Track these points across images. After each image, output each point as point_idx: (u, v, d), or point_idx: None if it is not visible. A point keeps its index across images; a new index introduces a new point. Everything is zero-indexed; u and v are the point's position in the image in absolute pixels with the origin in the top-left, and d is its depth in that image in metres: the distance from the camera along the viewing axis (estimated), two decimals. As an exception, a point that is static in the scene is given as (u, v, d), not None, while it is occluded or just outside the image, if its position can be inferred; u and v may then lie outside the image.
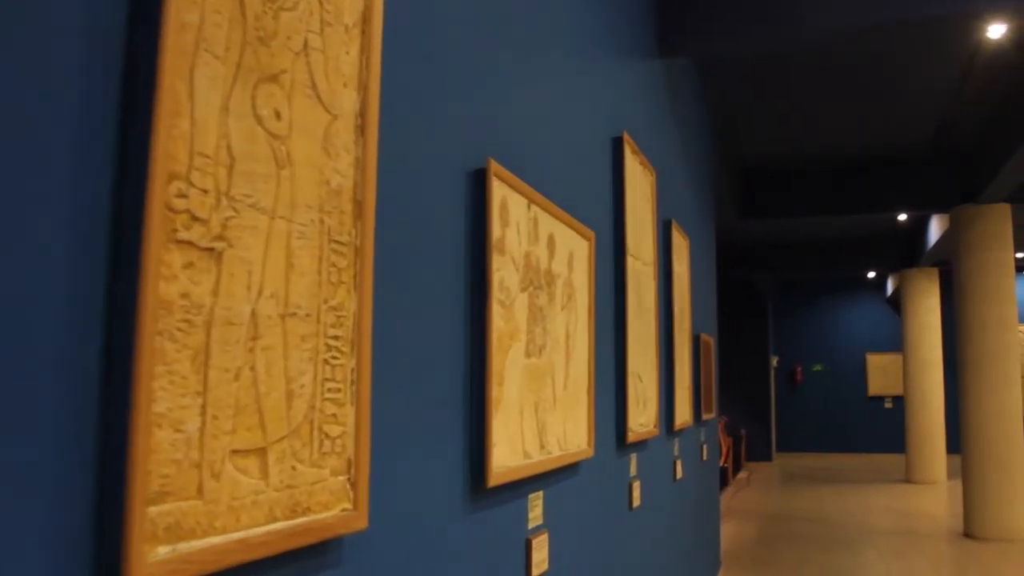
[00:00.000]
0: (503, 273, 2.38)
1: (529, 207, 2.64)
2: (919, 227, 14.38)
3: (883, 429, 21.15)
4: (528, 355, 2.59)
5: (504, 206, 2.36)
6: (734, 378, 19.27)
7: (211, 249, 1.04)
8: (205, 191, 1.04)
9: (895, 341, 20.64)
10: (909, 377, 15.53)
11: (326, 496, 1.29)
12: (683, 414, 5.47)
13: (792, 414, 21.91)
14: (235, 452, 1.08)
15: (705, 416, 6.65)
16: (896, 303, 20.46)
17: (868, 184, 11.16)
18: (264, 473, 1.14)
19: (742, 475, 17.24)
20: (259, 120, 1.15)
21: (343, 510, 1.34)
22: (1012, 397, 9.92)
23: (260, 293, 1.14)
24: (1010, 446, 9.90)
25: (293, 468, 1.21)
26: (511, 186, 2.40)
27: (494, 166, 2.21)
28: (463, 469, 2.03)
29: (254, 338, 1.12)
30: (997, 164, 9.17)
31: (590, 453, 3.18)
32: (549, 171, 2.94)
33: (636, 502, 4.11)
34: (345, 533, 1.34)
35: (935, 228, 12.91)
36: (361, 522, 1.37)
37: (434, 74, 1.90)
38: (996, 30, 6.61)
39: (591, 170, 3.53)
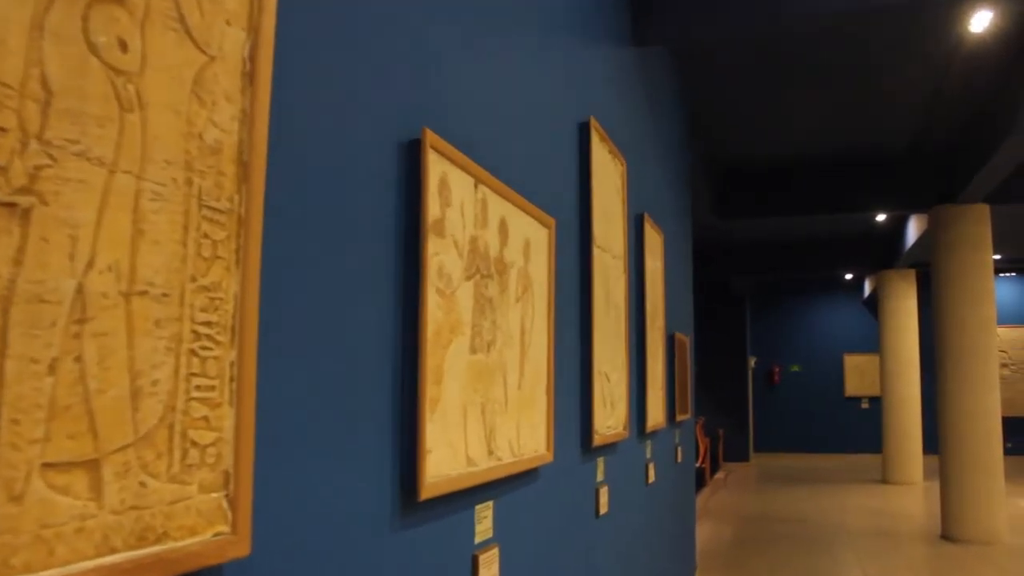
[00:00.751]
0: (443, 258, 2.16)
1: (477, 187, 2.41)
2: (897, 228, 14.24)
3: (860, 430, 21.04)
4: (474, 351, 2.36)
5: (444, 183, 2.13)
6: (711, 378, 19.15)
7: (11, 205, 0.81)
8: (3, 130, 0.80)
9: (872, 342, 20.49)
10: (886, 378, 15.40)
11: (192, 518, 1.05)
12: (656, 415, 5.26)
13: (770, 414, 21.77)
14: (48, 466, 0.84)
15: (680, 417, 6.44)
16: (873, 304, 20.32)
17: (847, 184, 10.99)
18: (96, 492, 0.90)
19: (719, 475, 17.07)
20: (93, 48, 0.91)
21: (217, 534, 1.09)
22: (990, 398, 9.76)
23: (91, 265, 0.90)
24: (988, 447, 9.75)
25: (142, 484, 0.96)
26: (453, 162, 2.17)
27: (431, 137, 1.97)
28: (390, 480, 1.80)
29: (80, 321, 0.88)
30: (976, 164, 9.01)
31: (550, 458, 2.96)
32: (505, 152, 2.72)
33: (604, 509, 3.89)
34: (221, 562, 1.10)
35: (913, 229, 12.77)
36: (242, 548, 1.13)
37: (359, 27, 1.67)
38: (980, 21, 6.41)
39: (554, 155, 3.31)
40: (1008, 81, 7.86)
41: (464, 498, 2.23)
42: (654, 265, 5.40)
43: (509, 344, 2.65)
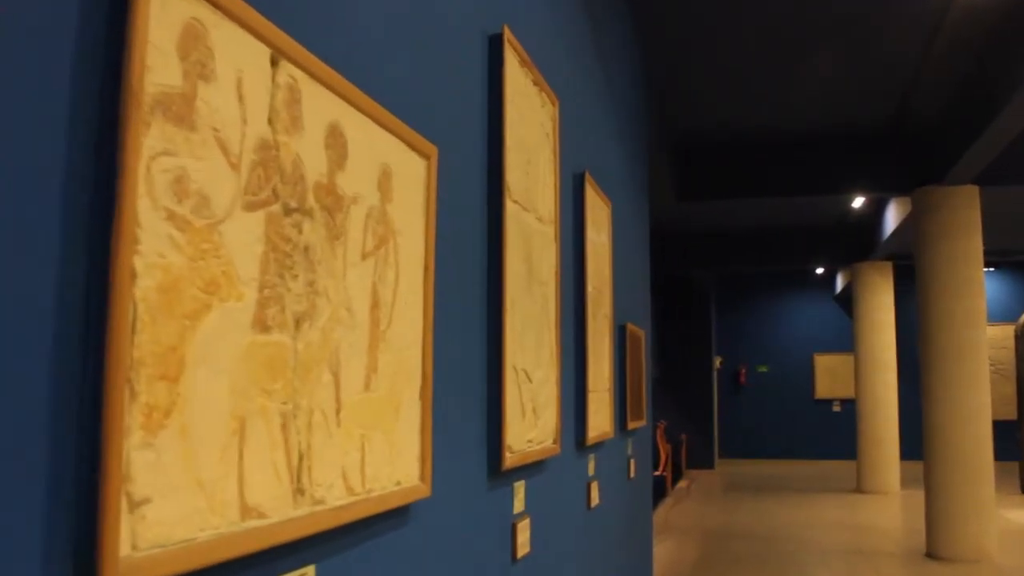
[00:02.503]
0: (184, 162, 1.19)
1: (277, 63, 1.45)
2: (873, 216, 13.37)
3: (831, 434, 20.35)
4: (264, 328, 1.40)
5: (198, 38, 1.18)
6: (674, 380, 18.43)
7: None
8: None
9: (844, 341, 19.82)
10: (861, 379, 14.55)
11: None
12: (600, 423, 4.30)
13: (736, 418, 21.01)
14: None
15: (633, 424, 5.48)
16: (845, 301, 19.59)
17: (819, 164, 10.10)
18: None
19: (682, 484, 16.17)
20: None
21: None
22: (980, 399, 8.89)
23: None
24: (978, 453, 8.87)
25: None
26: (225, 11, 1.24)
27: None
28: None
29: None
30: (965, 142, 8.14)
31: (426, 492, 1.99)
32: (360, 44, 1.78)
33: (523, 550, 2.92)
34: None
35: (892, 216, 11.90)
36: None
37: None
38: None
39: (449, 67, 2.34)
40: (1006, 44, 6.97)
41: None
42: (599, 239, 4.44)
43: (345, 321, 1.68)
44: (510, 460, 2.68)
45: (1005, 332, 18.33)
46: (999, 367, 18.25)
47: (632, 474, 5.67)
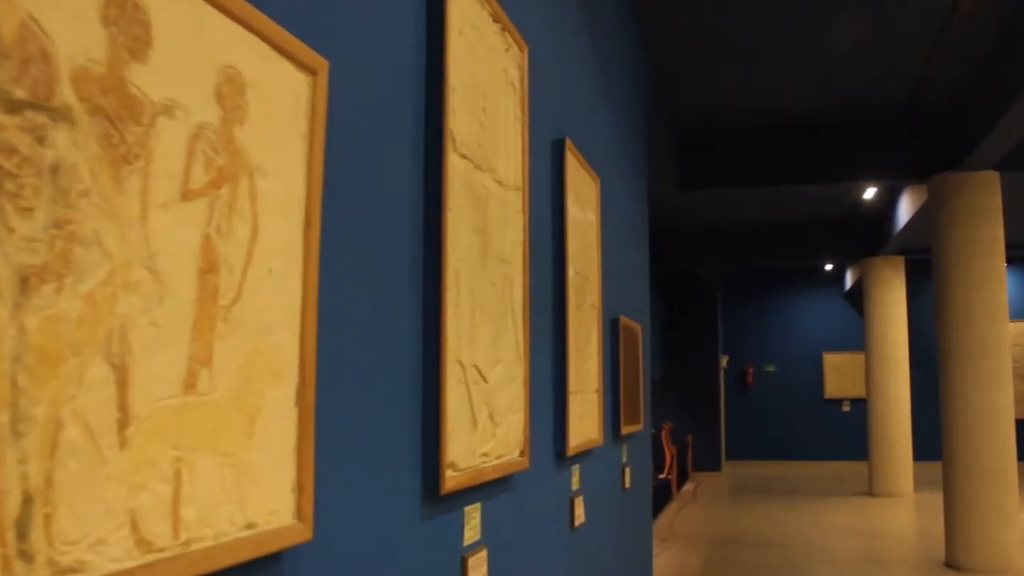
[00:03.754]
0: None
1: None
2: (884, 209, 12.77)
3: (841, 435, 19.76)
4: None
5: None
6: (679, 380, 17.95)
7: None
8: None
9: (854, 339, 19.27)
10: (873, 377, 13.93)
11: None
12: (586, 429, 3.72)
13: (743, 419, 20.40)
14: None
15: (628, 429, 4.90)
16: (855, 298, 18.99)
17: (830, 151, 9.51)
18: None
19: (688, 487, 15.58)
20: None
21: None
22: (1003, 396, 8.30)
23: None
24: (1001, 454, 8.27)
25: None
26: None
27: None
28: None
29: None
30: (985, 125, 7.56)
31: (305, 533, 1.42)
32: None
33: (484, 587, 2.36)
34: None
35: (905, 207, 11.30)
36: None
37: None
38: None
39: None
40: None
41: None
42: (584, 218, 3.87)
43: (143, 288, 1.11)
44: (454, 480, 2.11)
45: (1018, 329, 17.73)
46: (1015, 364, 17.62)
47: (628, 484, 5.10)
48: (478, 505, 2.39)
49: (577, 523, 3.63)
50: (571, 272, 3.51)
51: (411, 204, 2.00)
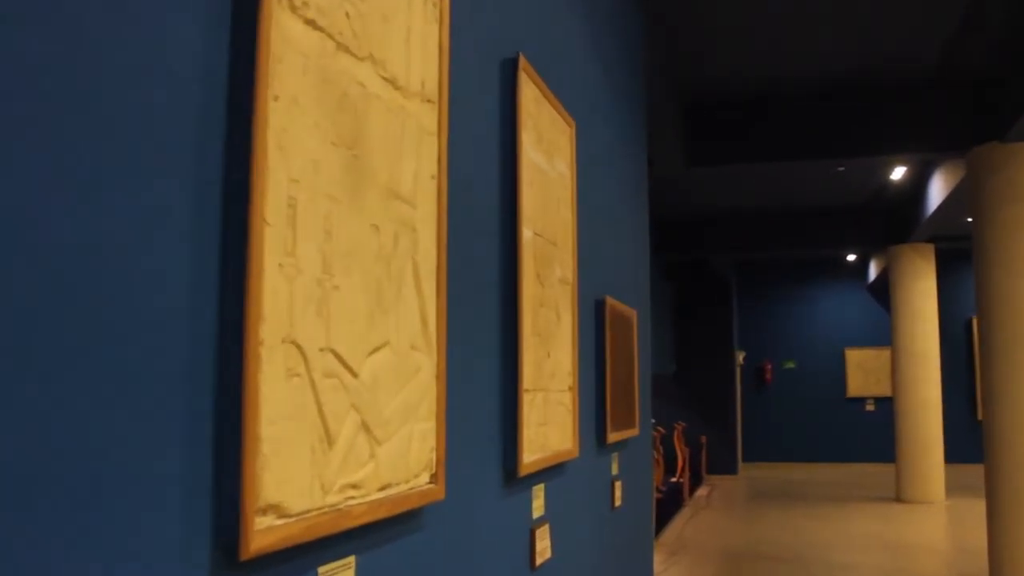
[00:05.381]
0: None
1: None
2: (913, 191, 11.84)
3: (865, 436, 18.90)
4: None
5: None
6: (692, 377, 17.10)
7: None
8: None
9: (878, 334, 18.56)
10: (900, 374, 12.99)
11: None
12: (552, 439, 2.86)
13: (760, 418, 19.53)
14: None
15: (618, 435, 4.04)
16: (878, 290, 18.12)
17: (856, 122, 8.60)
18: None
19: (701, 492, 14.70)
20: None
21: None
22: (1056, 394, 7.40)
23: None
24: (1053, 462, 7.37)
25: None
26: None
27: None
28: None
29: None
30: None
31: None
32: None
33: None
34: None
35: (937, 187, 10.38)
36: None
37: None
38: None
39: None
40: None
41: None
42: (553, 169, 3.01)
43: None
44: (267, 539, 1.25)
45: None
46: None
47: (618, 502, 4.24)
48: (350, 563, 1.54)
49: (540, 560, 2.77)
50: (527, 233, 2.65)
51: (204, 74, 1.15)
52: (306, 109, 1.42)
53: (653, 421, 12.73)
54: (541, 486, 2.84)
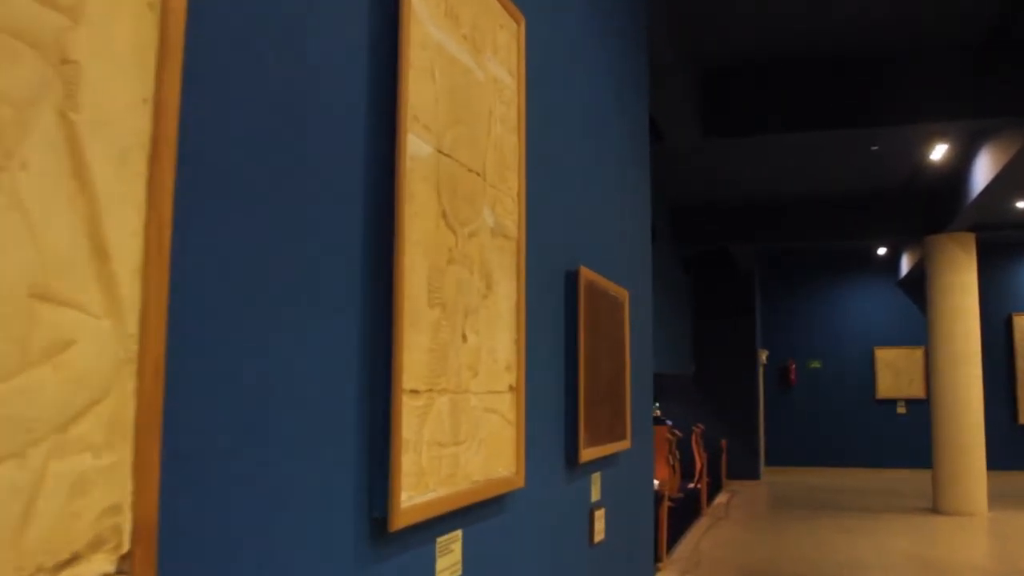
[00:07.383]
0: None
1: None
2: (954, 176, 10.80)
3: (896, 440, 17.88)
4: None
5: None
6: (712, 377, 16.29)
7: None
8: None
9: (910, 333, 17.62)
10: (937, 375, 11.94)
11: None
12: (472, 465, 1.90)
13: (784, 421, 18.59)
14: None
15: (599, 451, 3.08)
16: (911, 286, 17.13)
17: (892, 88, 7.60)
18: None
19: (720, 499, 13.72)
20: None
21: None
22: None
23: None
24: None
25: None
26: None
27: None
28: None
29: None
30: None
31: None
32: None
33: None
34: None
35: (983, 168, 9.34)
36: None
37: None
38: None
39: None
40: None
41: None
42: (481, 69, 2.06)
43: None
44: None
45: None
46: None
47: (600, 535, 3.28)
48: None
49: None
50: (419, 145, 1.70)
51: None
52: None
53: (670, 423, 11.84)
54: (456, 534, 1.89)
